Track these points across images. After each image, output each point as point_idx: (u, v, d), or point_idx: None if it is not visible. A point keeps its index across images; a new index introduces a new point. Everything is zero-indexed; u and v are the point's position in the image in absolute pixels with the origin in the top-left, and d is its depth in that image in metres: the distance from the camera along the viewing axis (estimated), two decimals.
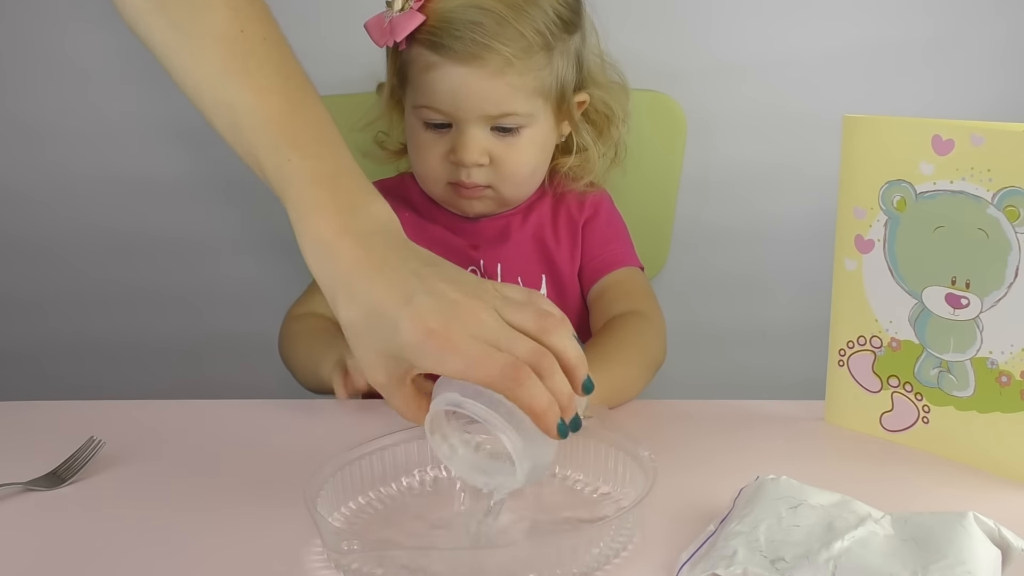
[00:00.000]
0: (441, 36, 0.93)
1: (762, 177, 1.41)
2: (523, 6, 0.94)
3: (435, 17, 0.93)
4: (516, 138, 0.98)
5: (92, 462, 0.78)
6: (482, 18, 0.93)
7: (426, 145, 0.99)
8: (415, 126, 1.00)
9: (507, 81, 0.94)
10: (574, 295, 1.07)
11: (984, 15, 1.34)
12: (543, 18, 0.95)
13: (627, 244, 1.09)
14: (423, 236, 1.05)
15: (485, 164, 0.98)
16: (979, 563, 0.57)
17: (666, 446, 0.77)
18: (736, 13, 1.34)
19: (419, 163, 1.02)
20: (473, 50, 0.93)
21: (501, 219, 1.07)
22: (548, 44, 0.96)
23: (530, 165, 1.01)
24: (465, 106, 0.95)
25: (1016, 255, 0.72)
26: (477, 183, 0.99)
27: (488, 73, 0.94)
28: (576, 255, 1.07)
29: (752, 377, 1.45)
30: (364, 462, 0.73)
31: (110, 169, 1.44)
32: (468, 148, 0.97)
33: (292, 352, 1.02)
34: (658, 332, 0.99)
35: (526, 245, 1.07)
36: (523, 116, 0.97)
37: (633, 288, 1.04)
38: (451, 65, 0.94)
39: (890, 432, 0.83)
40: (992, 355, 0.75)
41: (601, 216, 1.08)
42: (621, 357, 0.91)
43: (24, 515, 0.71)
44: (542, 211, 1.08)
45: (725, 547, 0.60)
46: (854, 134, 0.80)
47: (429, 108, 0.97)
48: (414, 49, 0.96)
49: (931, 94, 1.37)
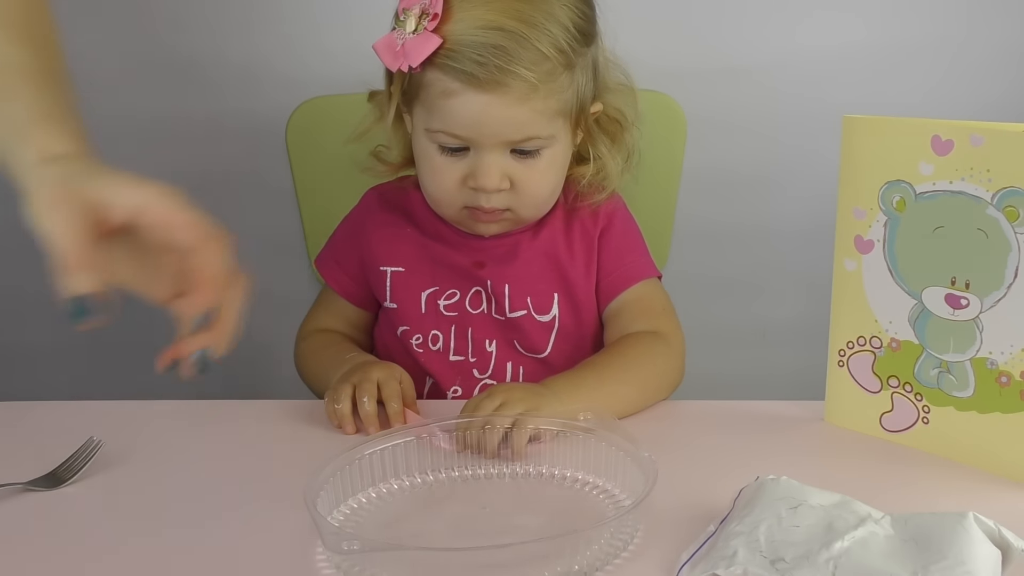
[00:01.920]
0: (461, 62, 0.88)
1: (762, 177, 1.40)
2: (541, 22, 0.89)
3: (452, 40, 0.88)
4: (536, 160, 0.94)
5: (92, 462, 0.78)
6: (503, 41, 0.87)
7: (441, 170, 0.94)
8: (428, 149, 0.95)
9: (531, 107, 0.90)
10: (590, 313, 1.03)
11: (984, 15, 1.34)
12: (562, 34, 0.90)
13: (644, 253, 1.05)
14: (424, 255, 1.02)
15: (506, 188, 0.94)
16: (979, 563, 0.57)
17: (666, 446, 0.77)
18: (736, 13, 1.34)
19: (433, 187, 0.96)
20: (497, 77, 0.87)
21: (510, 237, 1.02)
22: (570, 62, 0.92)
23: (550, 186, 0.97)
24: (487, 132, 0.91)
25: (1016, 255, 0.72)
26: (496, 207, 0.95)
27: (512, 100, 0.89)
28: (592, 270, 1.02)
29: (752, 377, 1.45)
30: (364, 462, 0.73)
31: None
32: (489, 174, 0.92)
33: (305, 373, 1.04)
34: (673, 353, 0.96)
35: (537, 263, 1.02)
36: (545, 139, 0.93)
37: (651, 306, 1.01)
38: (473, 92, 0.89)
39: (890, 432, 0.83)
40: (992, 355, 0.75)
41: (616, 225, 1.03)
42: (620, 376, 0.90)
43: (24, 515, 0.71)
44: (554, 225, 1.03)
45: (725, 547, 0.60)
46: (854, 134, 0.80)
47: (447, 134, 0.92)
48: (430, 73, 0.90)
49: (931, 94, 1.37)
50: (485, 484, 0.75)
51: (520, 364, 1.02)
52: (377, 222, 1.04)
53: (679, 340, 0.98)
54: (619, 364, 0.92)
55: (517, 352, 1.02)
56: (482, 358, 1.02)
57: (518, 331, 1.01)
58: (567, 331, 1.02)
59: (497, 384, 0.92)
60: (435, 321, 1.02)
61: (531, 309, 1.01)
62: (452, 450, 0.77)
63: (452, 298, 1.02)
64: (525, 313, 1.01)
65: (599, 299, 1.03)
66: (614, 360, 0.94)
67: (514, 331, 1.01)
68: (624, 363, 0.93)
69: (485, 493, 0.74)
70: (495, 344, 1.02)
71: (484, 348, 1.02)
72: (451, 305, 1.02)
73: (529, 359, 1.02)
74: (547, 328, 1.01)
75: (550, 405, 0.81)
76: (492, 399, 0.81)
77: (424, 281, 1.01)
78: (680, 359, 0.97)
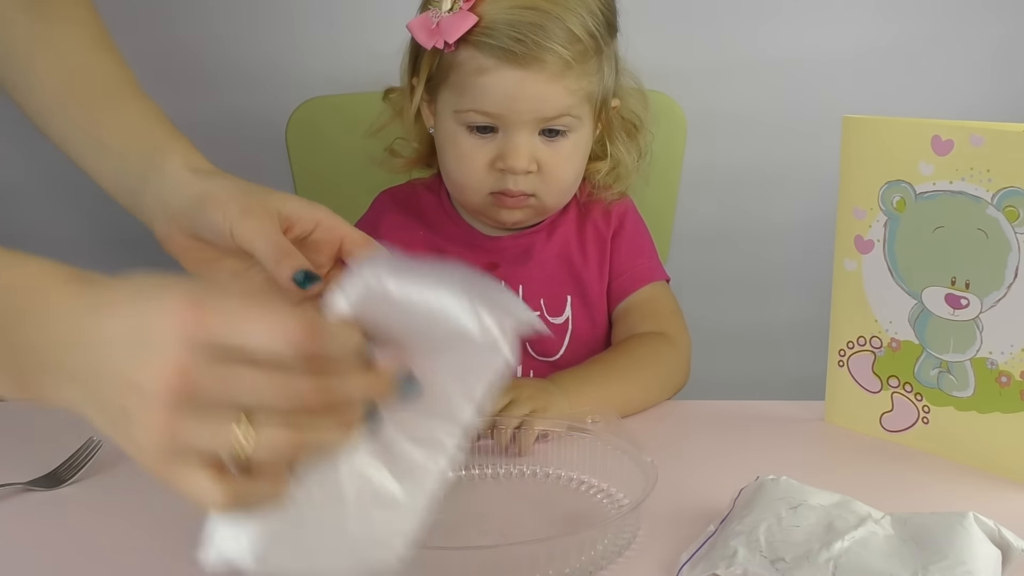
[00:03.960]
0: (498, 38, 0.89)
1: (762, 177, 1.41)
2: (574, 6, 0.91)
3: (489, 18, 0.90)
4: (562, 144, 0.95)
5: (92, 462, 0.78)
6: (540, 20, 0.89)
7: (470, 152, 0.95)
8: (455, 132, 0.95)
9: (564, 85, 0.91)
10: (601, 315, 1.03)
11: (984, 15, 1.35)
12: (592, 19, 0.92)
13: (652, 256, 1.06)
14: (436, 258, 1.02)
15: (533, 171, 0.94)
16: (979, 563, 0.57)
17: (666, 446, 0.77)
18: (736, 13, 1.34)
19: (460, 172, 0.96)
20: (535, 52, 0.89)
21: (524, 237, 1.02)
22: (599, 48, 0.93)
23: (574, 172, 0.98)
24: (520, 109, 0.91)
25: (1016, 255, 0.72)
26: (523, 191, 0.95)
27: (547, 76, 0.90)
28: (604, 271, 1.03)
29: (752, 377, 1.45)
30: None
31: None
32: (518, 154, 0.93)
33: None
34: (679, 355, 0.97)
35: (550, 264, 1.02)
36: (574, 118, 0.94)
37: (660, 308, 1.01)
38: (508, 68, 0.90)
39: (890, 432, 0.83)
40: (992, 355, 0.75)
41: (627, 228, 1.04)
42: (627, 376, 0.90)
43: (24, 515, 0.71)
44: (567, 227, 1.03)
45: (725, 547, 0.60)
46: (854, 134, 0.80)
47: (478, 112, 0.92)
48: (463, 51, 0.91)
49: (931, 94, 1.37)
50: (485, 484, 0.76)
51: (532, 367, 1.01)
52: (390, 224, 1.04)
53: (686, 343, 0.99)
54: (626, 363, 0.93)
55: (529, 355, 1.02)
56: None
57: None
58: (580, 334, 1.02)
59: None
60: None
61: (544, 311, 1.01)
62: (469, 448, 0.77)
63: None
64: (538, 315, 1.01)
65: (608, 300, 1.04)
66: (621, 359, 0.94)
67: None
68: (631, 362, 0.93)
69: (485, 493, 0.74)
70: None
71: None
72: None
73: (541, 363, 1.02)
74: (560, 331, 1.02)
75: (558, 403, 0.82)
76: (501, 396, 0.81)
77: None
78: (686, 361, 0.97)
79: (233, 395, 0.43)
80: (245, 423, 0.43)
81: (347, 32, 1.31)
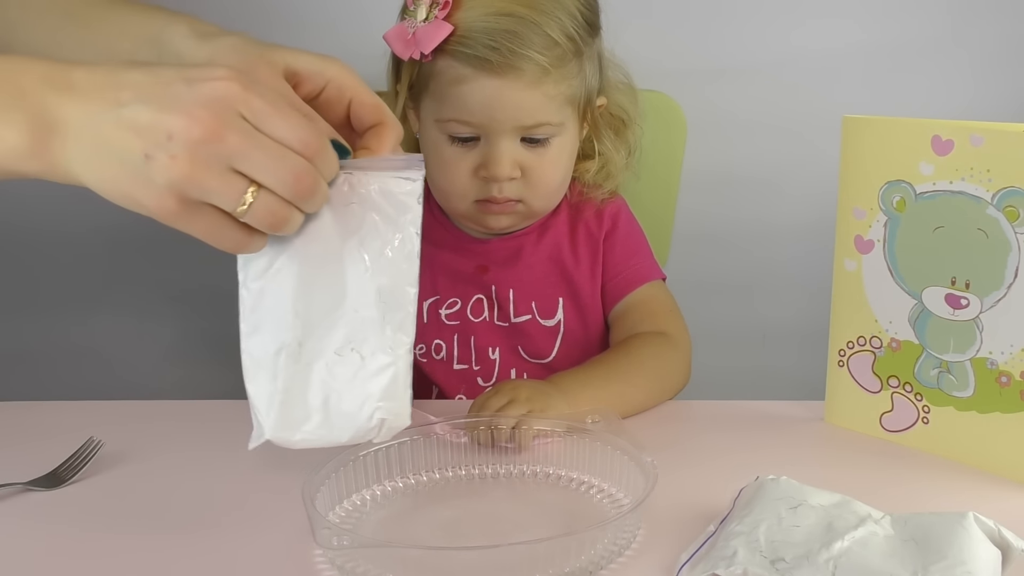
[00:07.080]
0: (473, 47, 0.89)
1: (762, 177, 1.41)
2: (551, 9, 0.90)
3: (464, 27, 0.89)
4: (546, 148, 0.94)
5: (92, 462, 0.78)
6: (516, 27, 0.88)
7: (452, 161, 0.94)
8: (437, 141, 0.94)
9: (543, 91, 0.91)
10: (595, 317, 1.03)
11: (984, 15, 1.35)
12: (570, 21, 0.91)
13: (648, 256, 1.05)
14: (426, 262, 1.01)
15: (517, 177, 0.94)
16: (979, 563, 0.57)
17: (666, 446, 0.77)
18: (736, 13, 1.35)
19: (444, 180, 0.96)
20: (510, 60, 0.88)
21: (514, 239, 1.02)
22: (578, 50, 0.93)
23: (559, 175, 0.97)
24: (499, 118, 0.91)
25: (1016, 255, 0.72)
26: (509, 197, 0.95)
27: (524, 84, 0.90)
28: (597, 273, 1.02)
29: (752, 377, 1.45)
30: (364, 461, 0.73)
31: None
32: (501, 162, 0.92)
33: None
34: (680, 355, 0.96)
35: (541, 266, 1.02)
36: (555, 126, 0.93)
37: (658, 307, 1.01)
38: (485, 77, 0.89)
39: (890, 432, 0.83)
40: (992, 355, 0.75)
41: (620, 228, 1.04)
42: (627, 376, 0.90)
43: (24, 515, 0.71)
44: (558, 228, 1.03)
45: (725, 547, 0.60)
46: (854, 134, 0.80)
47: (458, 122, 0.92)
48: (441, 61, 0.91)
49: (931, 94, 1.37)
50: (485, 484, 0.76)
51: (524, 370, 1.01)
52: None
53: (685, 341, 0.98)
54: (626, 363, 0.93)
55: (521, 358, 1.02)
56: (486, 366, 1.02)
57: (522, 336, 1.01)
58: (573, 335, 1.01)
59: (505, 380, 0.92)
60: (437, 330, 1.02)
61: (536, 314, 1.01)
62: (467, 443, 0.77)
63: (453, 307, 1.02)
64: (530, 318, 1.01)
65: (604, 302, 1.03)
66: (621, 359, 0.94)
67: (518, 336, 1.01)
68: (631, 363, 0.93)
69: (485, 493, 0.74)
70: (498, 351, 1.02)
71: (487, 356, 1.01)
72: (452, 314, 1.02)
73: (534, 364, 1.02)
74: (552, 333, 1.01)
75: (556, 404, 0.82)
76: (499, 396, 0.81)
77: (425, 290, 1.01)
78: (686, 360, 0.97)
79: (250, 159, 0.53)
80: (253, 186, 0.54)
81: (337, 35, 1.31)
